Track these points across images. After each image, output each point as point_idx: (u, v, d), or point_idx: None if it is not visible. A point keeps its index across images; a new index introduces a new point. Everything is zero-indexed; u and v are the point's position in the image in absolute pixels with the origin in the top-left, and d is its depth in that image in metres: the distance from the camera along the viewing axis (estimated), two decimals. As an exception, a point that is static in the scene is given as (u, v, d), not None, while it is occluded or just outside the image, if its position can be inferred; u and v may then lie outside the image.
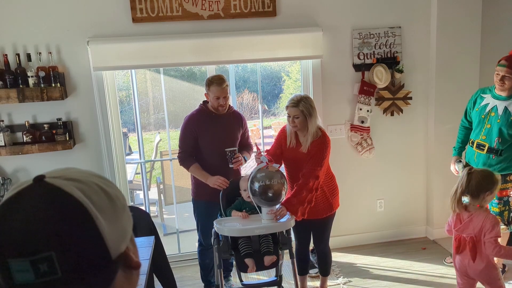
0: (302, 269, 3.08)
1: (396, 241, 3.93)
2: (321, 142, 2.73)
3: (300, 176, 2.70)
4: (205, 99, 3.01)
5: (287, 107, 2.73)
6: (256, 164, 2.72)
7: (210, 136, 2.94)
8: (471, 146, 3.08)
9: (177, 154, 3.03)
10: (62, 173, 0.61)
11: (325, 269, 3.05)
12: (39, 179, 0.58)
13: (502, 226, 3.10)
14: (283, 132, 2.90)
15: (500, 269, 3.20)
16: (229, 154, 2.89)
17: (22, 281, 0.53)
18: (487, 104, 2.95)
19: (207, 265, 3.13)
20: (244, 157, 2.99)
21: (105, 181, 0.65)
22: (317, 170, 2.68)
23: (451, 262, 3.41)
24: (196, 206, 3.10)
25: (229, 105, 3.02)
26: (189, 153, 2.97)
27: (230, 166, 2.90)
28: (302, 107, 2.67)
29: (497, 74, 2.83)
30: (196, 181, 3.01)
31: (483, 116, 2.95)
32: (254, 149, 3.13)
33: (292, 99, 2.72)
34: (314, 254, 3.32)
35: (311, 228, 2.95)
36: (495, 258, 3.23)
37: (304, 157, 2.74)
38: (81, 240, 0.55)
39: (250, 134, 3.27)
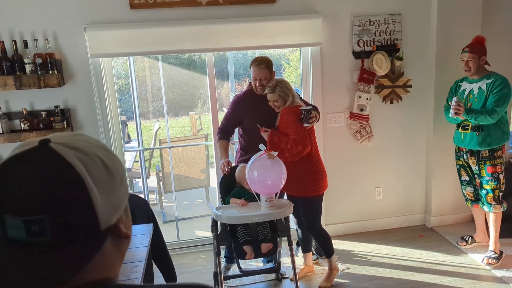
0: (304, 247, 3.21)
1: (394, 228, 3.95)
2: (287, 110, 2.83)
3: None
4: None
5: (265, 94, 2.88)
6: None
7: (253, 116, 2.99)
8: (457, 129, 3.32)
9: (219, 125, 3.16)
10: (68, 139, 0.62)
11: (324, 251, 3.06)
12: (44, 143, 0.60)
13: (496, 205, 3.16)
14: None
15: (497, 255, 3.24)
16: (305, 113, 2.81)
17: (14, 237, 0.57)
18: (464, 89, 3.25)
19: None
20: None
21: (108, 154, 0.66)
22: (295, 136, 2.76)
23: (465, 245, 3.46)
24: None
25: None
26: (227, 128, 3.09)
27: (305, 125, 2.81)
28: (278, 91, 2.82)
29: (462, 60, 3.17)
30: (240, 156, 3.10)
31: (463, 100, 3.19)
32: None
33: (268, 86, 2.88)
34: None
35: (299, 208, 2.97)
36: (493, 244, 3.28)
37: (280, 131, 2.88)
38: (73, 209, 0.58)
39: None
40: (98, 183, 0.60)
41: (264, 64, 2.93)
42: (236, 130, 3.20)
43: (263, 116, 2.96)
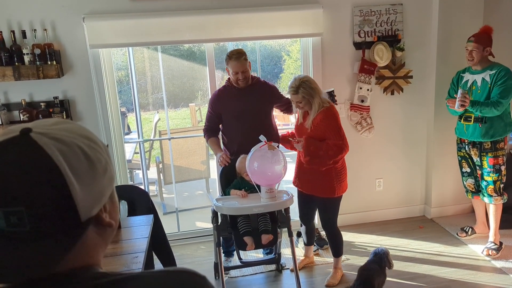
0: (307, 241, 3.21)
1: (394, 220, 3.96)
2: (325, 114, 2.69)
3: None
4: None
5: (288, 93, 2.76)
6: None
7: (232, 112, 2.97)
8: (459, 120, 3.29)
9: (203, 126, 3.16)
10: (49, 129, 0.61)
11: (334, 249, 3.05)
12: (25, 133, 0.59)
13: (496, 197, 3.16)
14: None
15: (497, 246, 3.24)
16: (332, 93, 2.90)
17: None
18: (467, 81, 3.21)
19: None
20: None
21: (90, 143, 0.64)
22: (338, 141, 2.67)
23: (465, 236, 3.49)
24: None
25: (257, 77, 3.05)
26: (211, 127, 3.08)
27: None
28: (301, 93, 2.66)
29: (466, 49, 3.12)
30: (226, 149, 3.10)
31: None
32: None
33: (291, 86, 2.70)
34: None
35: (313, 206, 2.98)
36: (493, 235, 3.28)
37: (308, 133, 2.74)
38: (51, 202, 0.57)
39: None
40: (78, 175, 0.59)
41: (244, 56, 2.87)
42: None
43: (241, 110, 2.94)
